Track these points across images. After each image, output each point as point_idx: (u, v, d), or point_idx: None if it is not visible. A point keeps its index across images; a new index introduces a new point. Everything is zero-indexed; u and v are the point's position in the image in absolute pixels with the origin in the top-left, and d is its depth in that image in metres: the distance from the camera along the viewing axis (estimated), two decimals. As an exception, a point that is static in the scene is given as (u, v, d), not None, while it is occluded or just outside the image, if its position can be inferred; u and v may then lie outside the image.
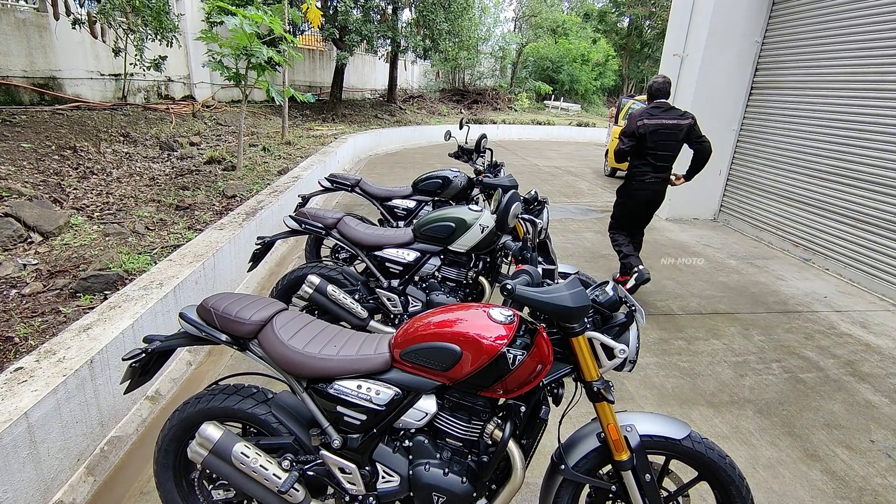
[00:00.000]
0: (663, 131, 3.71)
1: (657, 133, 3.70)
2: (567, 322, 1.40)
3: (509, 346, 1.44)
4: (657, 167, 3.85)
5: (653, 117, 3.71)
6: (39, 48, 8.74)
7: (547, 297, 1.34)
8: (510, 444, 1.51)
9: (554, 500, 1.62)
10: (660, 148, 3.77)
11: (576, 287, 1.38)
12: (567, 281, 1.41)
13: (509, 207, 1.41)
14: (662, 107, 3.75)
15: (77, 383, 2.12)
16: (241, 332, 1.58)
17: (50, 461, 1.97)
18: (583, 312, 1.35)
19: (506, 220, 1.30)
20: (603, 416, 1.52)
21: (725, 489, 1.56)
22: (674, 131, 3.72)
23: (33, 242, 3.59)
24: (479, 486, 1.55)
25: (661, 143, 3.74)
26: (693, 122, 3.75)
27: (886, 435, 2.58)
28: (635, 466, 1.52)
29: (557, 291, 1.35)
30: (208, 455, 1.55)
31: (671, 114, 3.74)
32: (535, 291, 1.35)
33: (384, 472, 1.58)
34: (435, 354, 1.48)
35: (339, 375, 1.55)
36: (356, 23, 11.78)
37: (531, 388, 1.51)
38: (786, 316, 3.89)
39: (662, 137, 3.73)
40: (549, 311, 1.35)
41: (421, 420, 1.55)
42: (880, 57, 4.57)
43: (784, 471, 2.30)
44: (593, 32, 30.63)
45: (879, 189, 4.52)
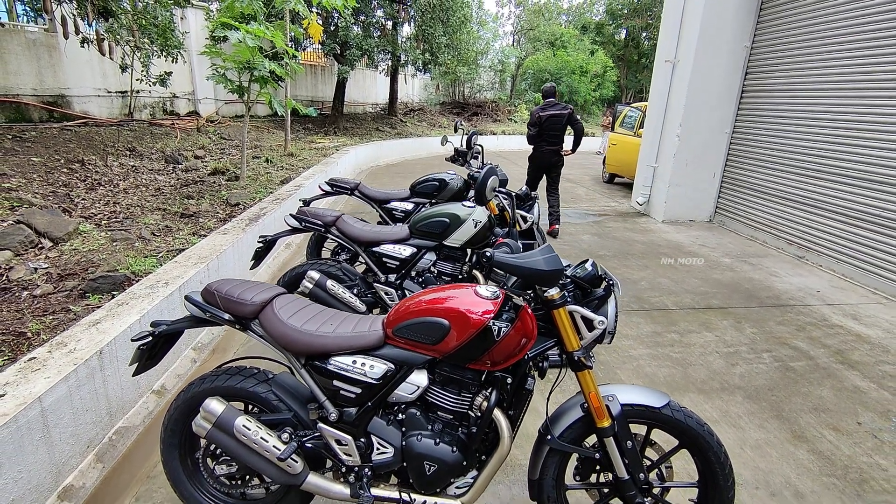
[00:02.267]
0: (552, 119, 5.63)
1: (549, 120, 5.63)
2: (542, 285, 1.48)
3: (495, 320, 1.53)
4: (550, 142, 5.77)
5: (545, 110, 5.67)
6: (49, 67, 9.01)
7: (522, 261, 1.43)
8: (497, 414, 1.59)
9: (541, 470, 1.70)
10: (551, 130, 5.69)
11: (549, 253, 1.47)
12: (541, 248, 1.51)
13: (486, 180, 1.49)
14: (551, 103, 5.72)
15: (87, 372, 2.21)
16: (243, 313, 1.68)
17: (61, 446, 2.05)
18: (556, 275, 1.44)
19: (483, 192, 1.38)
20: (585, 385, 1.60)
21: (704, 456, 1.64)
22: (559, 119, 5.64)
23: (44, 248, 3.72)
24: (468, 455, 1.63)
25: (551, 127, 5.67)
26: (571, 112, 5.65)
27: (874, 417, 2.63)
28: (617, 433, 1.60)
29: (532, 257, 1.44)
30: (212, 428, 1.64)
31: (556, 107, 5.67)
32: (511, 257, 1.45)
33: (378, 444, 1.66)
34: (425, 329, 1.57)
35: (336, 352, 1.64)
36: (356, 38, 12.05)
37: (517, 360, 1.59)
38: (778, 310, 3.95)
39: (552, 123, 5.65)
40: (525, 275, 1.45)
41: (413, 393, 1.64)
42: (865, 58, 4.69)
43: (771, 451, 2.36)
44: (591, 44, 31.03)
45: (869, 186, 4.60)
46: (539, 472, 1.70)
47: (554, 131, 5.68)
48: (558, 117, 5.62)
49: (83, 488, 2.10)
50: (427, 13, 12.62)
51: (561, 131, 5.70)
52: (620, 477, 1.63)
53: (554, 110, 5.64)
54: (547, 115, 5.62)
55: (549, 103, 5.71)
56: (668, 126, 6.61)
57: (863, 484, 2.17)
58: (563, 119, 5.61)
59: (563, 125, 5.65)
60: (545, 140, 5.74)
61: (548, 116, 5.62)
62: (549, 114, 5.62)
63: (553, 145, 5.75)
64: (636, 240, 5.88)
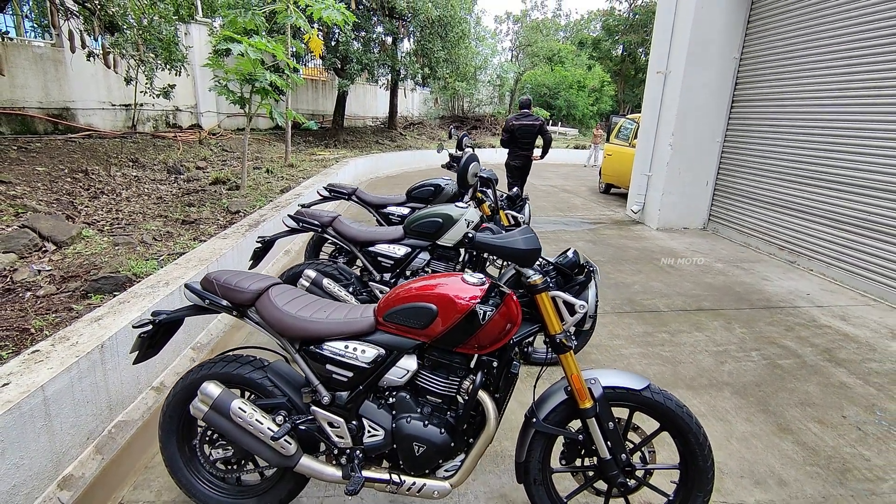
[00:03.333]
0: (524, 128, 6.37)
1: (521, 129, 6.37)
2: (521, 264, 1.55)
3: (481, 304, 1.60)
4: (522, 148, 6.50)
5: (518, 120, 6.41)
6: (55, 81, 9.20)
7: (502, 241, 1.51)
8: (483, 396, 1.66)
9: (527, 453, 1.75)
10: (523, 138, 6.42)
11: (528, 234, 1.55)
12: (521, 229, 1.59)
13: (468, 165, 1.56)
14: (525, 114, 6.46)
15: (89, 365, 2.27)
16: (240, 300, 1.75)
17: (62, 436, 2.11)
18: (534, 254, 1.51)
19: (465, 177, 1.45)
20: (567, 367, 1.67)
21: (684, 437, 1.69)
22: (530, 128, 6.38)
23: (47, 251, 3.80)
24: (456, 437, 1.69)
25: (523, 135, 6.40)
26: (542, 123, 6.39)
27: (858, 411, 2.68)
28: (599, 414, 1.66)
29: (511, 237, 1.52)
30: (209, 411, 1.70)
31: (529, 118, 6.42)
32: (491, 237, 1.53)
33: (369, 427, 1.72)
34: (414, 314, 1.64)
35: (329, 337, 1.71)
36: (357, 53, 12.29)
37: (502, 344, 1.66)
38: (768, 311, 4.02)
39: (524, 132, 6.39)
40: (505, 254, 1.52)
41: (403, 377, 1.70)
42: (849, 67, 4.82)
43: (756, 442, 2.41)
44: (588, 59, 31.53)
45: (858, 191, 4.70)
46: (525, 455, 1.75)
47: (525, 139, 6.45)
48: (529, 127, 6.37)
49: (82, 478, 2.15)
50: (426, 28, 12.89)
51: (532, 139, 6.49)
52: (603, 457, 1.68)
53: (526, 121, 6.40)
54: (519, 124, 6.39)
55: (524, 114, 6.45)
56: (661, 135, 6.74)
57: (845, 473, 2.22)
58: (534, 129, 6.38)
59: (534, 134, 6.43)
60: (518, 146, 6.52)
61: (520, 126, 6.39)
62: (521, 123, 6.39)
63: (524, 151, 6.56)
64: (630, 246, 5.96)
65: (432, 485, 1.70)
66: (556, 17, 35.81)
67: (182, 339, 3.09)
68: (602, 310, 3.92)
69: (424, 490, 1.70)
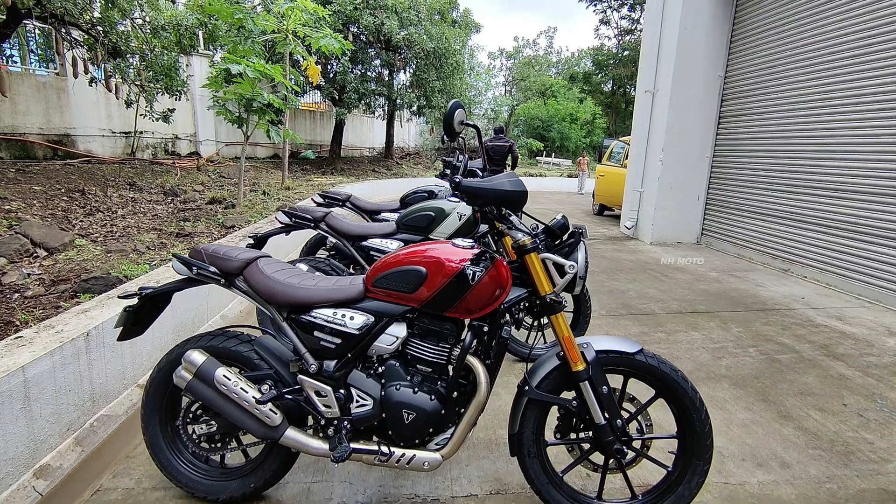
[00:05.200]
0: (497, 148, 7.66)
1: (494, 148, 7.63)
2: (508, 207, 1.54)
3: (470, 264, 1.59)
4: (495, 164, 7.58)
5: (493, 142, 7.73)
6: (56, 108, 9.36)
7: (488, 184, 1.51)
8: (474, 361, 1.63)
9: (521, 424, 1.70)
10: (496, 155, 7.65)
11: (514, 177, 1.56)
12: (506, 173, 1.59)
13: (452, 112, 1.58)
14: (498, 137, 7.83)
15: (73, 352, 2.23)
16: (228, 268, 1.73)
17: (41, 423, 2.04)
18: (521, 196, 1.50)
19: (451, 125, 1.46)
20: (558, 328, 1.64)
21: (680, 402, 1.65)
22: (502, 147, 7.68)
23: (38, 256, 3.78)
24: (447, 406, 1.64)
25: (496, 153, 7.66)
26: (511, 144, 7.75)
27: (859, 399, 2.63)
28: (592, 377, 1.63)
29: (498, 180, 1.52)
30: (192, 379, 1.66)
31: (501, 140, 7.75)
32: (477, 181, 1.53)
33: (358, 396, 1.68)
34: (403, 277, 1.63)
35: (317, 303, 1.69)
36: (354, 82, 12.62)
37: (492, 309, 1.64)
38: (764, 313, 3.99)
39: (497, 151, 7.67)
40: (491, 196, 1.51)
41: (392, 345, 1.67)
42: (828, 77, 4.98)
43: (757, 429, 2.35)
44: (579, 93, 32.44)
45: (845, 196, 4.76)
46: (518, 426, 1.70)
47: (498, 156, 7.75)
48: (501, 147, 7.73)
49: (60, 469, 2.07)
50: (421, 60, 13.29)
51: (504, 157, 7.76)
52: (598, 423, 1.64)
53: (499, 142, 7.79)
54: (493, 144, 7.75)
55: (498, 137, 7.90)
56: (652, 152, 6.87)
57: (849, 455, 2.16)
58: (504, 148, 7.70)
59: (504, 153, 7.70)
60: (492, 162, 7.72)
61: (493, 146, 7.73)
62: (494, 144, 7.75)
63: (497, 166, 7.70)
64: (625, 258, 5.97)
65: (423, 456, 1.64)
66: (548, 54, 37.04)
67: (172, 339, 3.04)
68: (597, 313, 3.89)
69: (414, 461, 1.64)
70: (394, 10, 12.09)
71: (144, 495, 1.89)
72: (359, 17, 11.75)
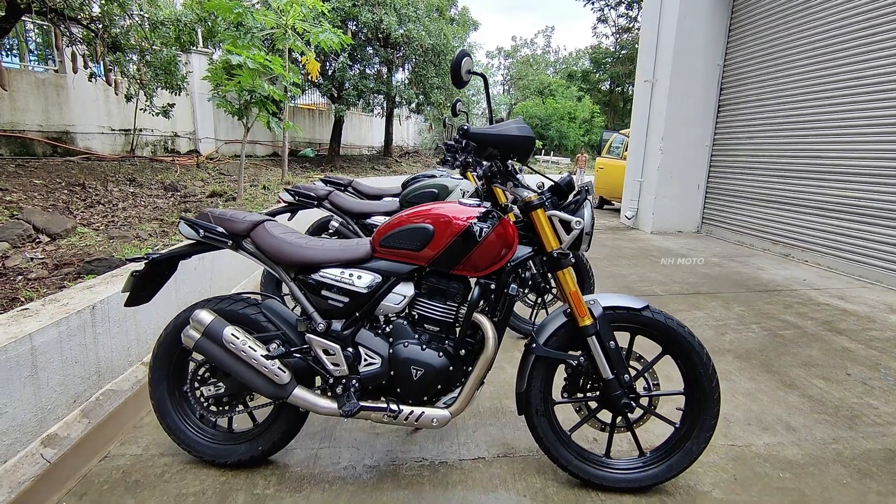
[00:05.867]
0: None
1: None
2: (516, 154, 1.54)
3: (477, 221, 1.60)
4: None
5: None
6: (56, 105, 9.36)
7: (496, 130, 1.51)
8: (482, 318, 1.63)
9: (528, 382, 1.71)
10: None
11: (521, 123, 1.56)
12: (514, 120, 1.60)
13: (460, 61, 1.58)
14: None
15: (79, 324, 2.23)
16: (236, 230, 1.74)
17: (48, 392, 2.04)
18: (528, 142, 1.51)
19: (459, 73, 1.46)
20: (565, 284, 1.65)
21: (687, 358, 1.66)
22: None
23: (41, 242, 3.78)
24: (454, 363, 1.65)
25: None
26: None
27: (862, 370, 2.64)
28: (599, 332, 1.63)
29: (506, 126, 1.53)
30: (201, 338, 1.67)
31: None
32: (485, 128, 1.53)
33: (366, 355, 1.68)
34: (410, 235, 1.63)
35: (325, 263, 1.70)
36: (353, 78, 12.64)
37: (499, 266, 1.65)
38: (766, 294, 4.01)
39: None
40: (499, 142, 1.52)
41: (400, 303, 1.68)
42: (825, 64, 5.00)
43: (762, 396, 2.36)
44: (578, 92, 32.52)
45: (844, 179, 4.78)
46: (526, 384, 1.71)
47: None
48: None
49: (67, 438, 2.07)
50: (420, 56, 13.31)
51: None
52: (605, 378, 1.64)
53: None
54: None
55: None
56: (652, 141, 6.88)
57: (854, 419, 2.17)
58: None
59: None
60: None
61: None
62: None
63: None
64: (626, 246, 5.98)
65: (431, 413, 1.64)
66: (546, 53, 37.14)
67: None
68: (600, 295, 3.89)
69: (423, 419, 1.64)
70: (392, 6, 12.11)
71: (152, 461, 1.90)
72: (357, 13, 11.77)
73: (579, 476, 1.71)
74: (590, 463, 1.72)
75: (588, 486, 1.73)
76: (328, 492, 1.71)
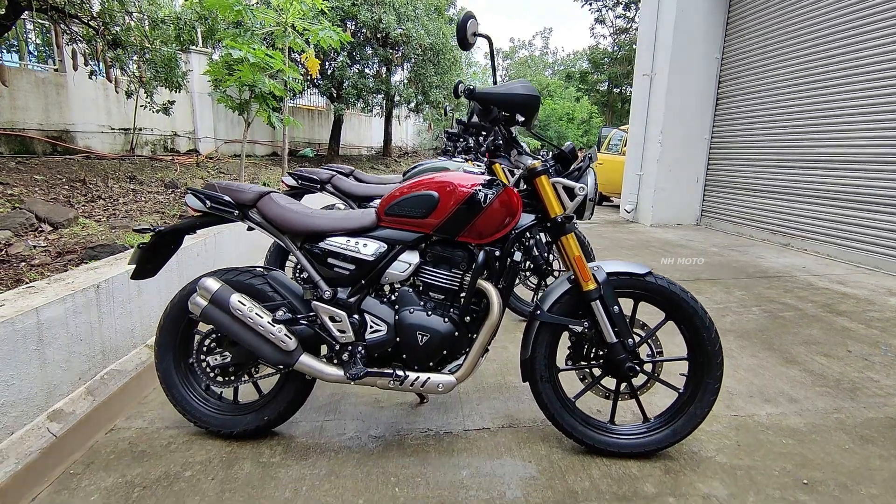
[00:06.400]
0: None
1: None
2: (522, 113, 1.55)
3: (482, 188, 1.62)
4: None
5: None
6: (56, 104, 9.37)
7: (502, 89, 1.53)
8: (486, 284, 1.65)
9: (533, 348, 1.72)
10: None
11: (527, 83, 1.57)
12: (518, 80, 1.62)
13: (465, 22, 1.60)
14: None
15: (84, 302, 2.24)
16: (242, 200, 1.75)
17: (54, 368, 2.05)
18: (534, 101, 1.52)
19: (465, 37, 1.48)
20: (568, 249, 1.67)
21: (690, 322, 1.68)
22: None
23: (43, 231, 3.79)
24: (460, 329, 1.66)
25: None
26: None
27: (863, 347, 2.65)
28: (603, 296, 1.65)
29: (511, 85, 1.54)
30: (207, 305, 1.68)
31: None
32: (490, 88, 1.55)
33: (372, 322, 1.70)
34: (416, 202, 1.65)
35: (331, 232, 1.71)
36: (353, 77, 12.68)
37: (503, 234, 1.67)
38: (766, 279, 4.02)
39: None
40: (505, 101, 1.53)
41: (405, 271, 1.69)
42: (822, 56, 5.04)
43: (764, 372, 2.37)
44: (576, 92, 32.58)
45: (842, 166, 4.81)
46: (530, 351, 1.72)
47: None
48: None
49: (73, 414, 2.07)
50: (419, 55, 13.36)
51: None
52: (609, 342, 1.66)
53: None
54: None
55: None
56: (651, 135, 6.91)
57: (856, 391, 2.18)
58: None
59: None
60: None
61: None
62: None
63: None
64: (626, 238, 6.00)
65: (437, 378, 1.66)
66: (544, 55, 37.25)
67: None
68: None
69: (428, 384, 1.66)
70: (391, 5, 12.16)
71: (158, 433, 1.90)
72: (356, 12, 11.81)
73: (584, 442, 1.72)
74: (594, 429, 1.73)
75: (593, 453, 1.74)
76: (334, 459, 1.72)
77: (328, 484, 1.59)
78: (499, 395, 2.18)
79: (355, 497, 1.53)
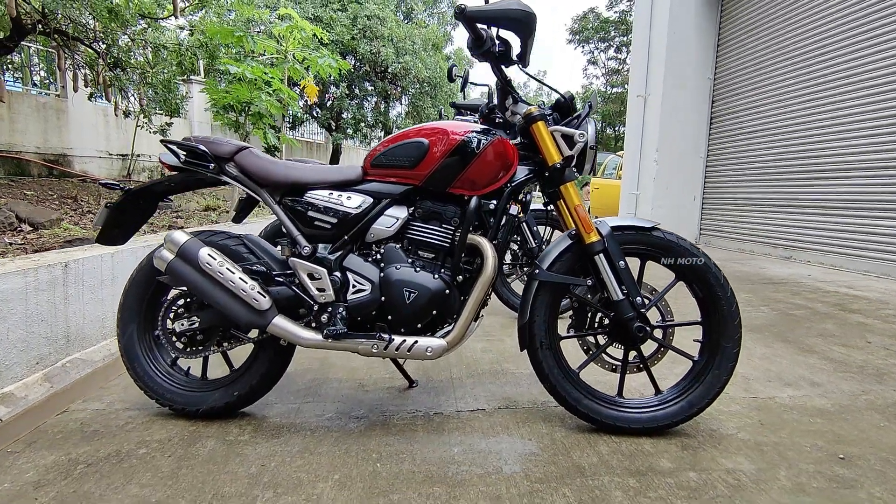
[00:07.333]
0: None
1: None
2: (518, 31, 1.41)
3: (474, 133, 1.51)
4: None
5: None
6: (55, 128, 9.42)
7: (496, 5, 1.42)
8: (480, 239, 1.52)
9: (531, 312, 1.56)
10: None
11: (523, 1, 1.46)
12: None
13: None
14: None
15: (49, 279, 2.09)
16: (219, 152, 1.63)
17: (7, 347, 1.88)
18: (530, 17, 1.41)
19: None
20: (569, 198, 1.54)
21: (703, 280, 1.54)
22: None
23: (23, 231, 3.65)
24: (451, 287, 1.52)
25: None
26: None
27: (882, 338, 2.49)
28: (607, 248, 1.51)
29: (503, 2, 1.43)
30: (174, 259, 1.53)
31: None
32: (483, 5, 1.43)
33: (355, 281, 1.55)
34: (404, 150, 1.54)
35: (313, 185, 1.59)
36: (351, 108, 12.89)
37: (498, 186, 1.55)
38: (772, 285, 3.88)
39: None
40: (498, 18, 1.41)
41: (392, 226, 1.56)
42: (811, 71, 5.09)
43: (781, 360, 2.20)
44: (570, 131, 33.24)
45: (841, 175, 4.75)
46: (529, 315, 1.56)
47: None
48: None
49: (24, 399, 1.88)
50: (416, 88, 13.66)
51: None
52: (615, 300, 1.51)
53: None
54: None
55: None
56: (646, 154, 6.92)
57: (882, 376, 2.01)
58: None
59: None
60: None
61: None
62: None
63: None
64: (625, 255, 5.89)
65: (425, 342, 1.49)
66: (539, 95, 38.30)
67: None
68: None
69: (416, 349, 1.49)
70: (390, 38, 12.51)
71: (116, 414, 1.71)
72: (356, 45, 12.13)
73: (589, 417, 1.54)
74: (601, 402, 1.55)
75: (600, 431, 1.56)
76: (309, 438, 1.53)
77: (301, 460, 1.40)
78: (495, 380, 2.00)
79: (330, 472, 1.34)
